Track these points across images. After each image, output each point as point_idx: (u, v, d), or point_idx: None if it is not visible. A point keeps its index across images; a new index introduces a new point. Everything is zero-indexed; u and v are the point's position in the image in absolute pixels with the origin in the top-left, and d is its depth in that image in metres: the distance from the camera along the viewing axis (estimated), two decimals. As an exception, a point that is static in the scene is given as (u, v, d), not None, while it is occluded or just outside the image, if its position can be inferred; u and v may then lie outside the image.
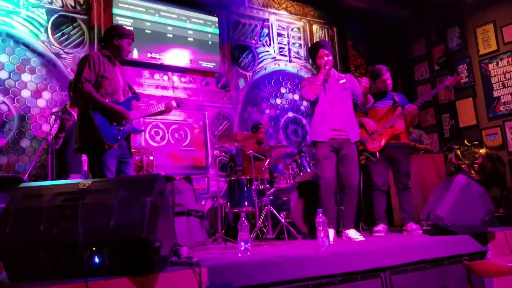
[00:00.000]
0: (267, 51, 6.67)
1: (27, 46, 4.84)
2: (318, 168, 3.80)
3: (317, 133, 3.76)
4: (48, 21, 4.99)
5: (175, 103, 3.54)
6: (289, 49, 6.88)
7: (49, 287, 1.72)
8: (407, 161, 4.16)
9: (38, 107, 4.80)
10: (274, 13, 6.84)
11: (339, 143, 3.70)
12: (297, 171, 4.66)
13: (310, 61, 6.86)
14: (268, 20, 6.76)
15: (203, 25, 6.05)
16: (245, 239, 2.70)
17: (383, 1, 7.15)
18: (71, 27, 5.13)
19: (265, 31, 6.70)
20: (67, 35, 5.09)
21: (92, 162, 3.04)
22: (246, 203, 4.31)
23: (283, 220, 4.16)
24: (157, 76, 5.63)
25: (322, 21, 7.32)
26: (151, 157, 4.56)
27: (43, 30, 4.95)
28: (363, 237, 3.54)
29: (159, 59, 5.57)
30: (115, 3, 5.34)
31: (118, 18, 5.33)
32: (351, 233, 3.57)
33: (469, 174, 4.71)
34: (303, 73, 6.88)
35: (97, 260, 1.85)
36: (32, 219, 1.90)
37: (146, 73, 5.54)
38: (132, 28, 5.09)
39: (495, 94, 6.27)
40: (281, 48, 6.81)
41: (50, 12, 5.03)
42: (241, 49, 6.42)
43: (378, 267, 2.63)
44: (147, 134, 5.39)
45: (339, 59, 7.30)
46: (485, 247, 3.15)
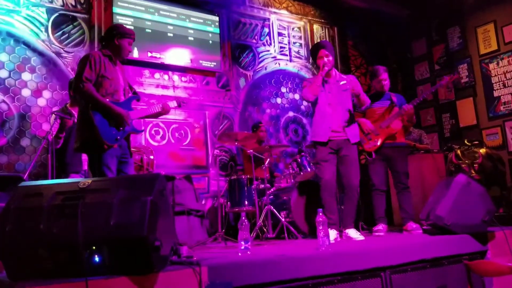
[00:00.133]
0: (268, 51, 6.67)
1: (28, 45, 4.84)
2: (318, 169, 3.83)
3: (316, 133, 3.77)
4: (48, 20, 4.99)
5: (176, 103, 3.54)
6: (290, 49, 6.88)
7: (49, 286, 1.72)
8: (404, 160, 4.15)
9: (38, 106, 4.80)
10: (274, 13, 6.84)
11: (338, 144, 3.71)
12: (298, 171, 4.66)
13: (310, 60, 6.86)
14: (268, 19, 6.76)
15: (203, 24, 6.04)
16: (245, 238, 2.70)
17: (383, 0, 7.14)
18: (71, 26, 5.13)
19: (266, 30, 6.69)
20: (67, 34, 5.09)
21: (92, 161, 3.04)
22: (246, 203, 4.31)
23: (283, 219, 4.16)
24: (157, 75, 5.62)
25: (322, 20, 7.32)
26: (152, 157, 4.56)
27: (43, 29, 4.95)
28: (363, 237, 3.54)
29: (160, 58, 5.57)
30: (115, 2, 5.34)
31: (118, 17, 5.33)
32: (351, 233, 3.58)
33: (469, 173, 4.71)
34: (304, 72, 6.88)
35: (97, 259, 1.85)
36: (32, 218, 1.90)
37: (146, 72, 5.54)
38: (132, 27, 5.08)
39: (496, 94, 6.26)
40: (281, 47, 6.81)
41: (50, 11, 5.03)
42: (242, 48, 6.42)
43: (378, 267, 2.63)
44: (147, 133, 5.39)
45: (339, 59, 7.29)
46: (485, 247, 3.15)
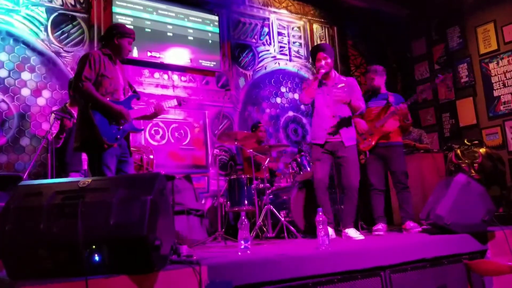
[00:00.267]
0: (268, 50, 6.66)
1: (27, 44, 4.83)
2: (312, 169, 3.82)
3: (314, 135, 3.82)
4: (48, 20, 4.99)
5: (177, 101, 3.54)
6: (290, 48, 6.88)
7: (49, 285, 1.72)
8: (401, 160, 4.12)
9: (38, 105, 4.79)
10: (274, 12, 6.83)
11: (333, 146, 3.72)
12: (297, 170, 4.67)
13: (310, 60, 6.85)
14: (268, 19, 6.76)
15: (203, 24, 6.04)
16: (245, 237, 2.70)
17: (383, 0, 7.14)
18: (71, 25, 5.12)
19: (266, 30, 6.69)
20: (67, 34, 5.08)
21: (91, 160, 3.03)
22: (246, 202, 4.32)
23: (283, 219, 4.16)
24: (157, 75, 5.62)
25: (322, 20, 7.32)
26: (151, 156, 4.57)
27: (43, 28, 4.94)
28: (363, 236, 3.54)
29: (159, 58, 5.56)
30: (114, 2, 5.33)
31: (118, 16, 5.32)
32: (351, 232, 3.57)
33: (469, 173, 4.70)
34: (303, 72, 6.88)
35: (97, 258, 1.85)
36: (32, 218, 1.90)
37: (146, 72, 5.54)
38: (132, 26, 5.07)
39: (496, 93, 6.26)
40: (281, 47, 6.81)
41: (50, 10, 5.02)
42: (241, 48, 6.42)
43: (377, 266, 2.63)
44: (147, 133, 5.38)
45: (339, 59, 7.29)
46: (485, 246, 3.16)
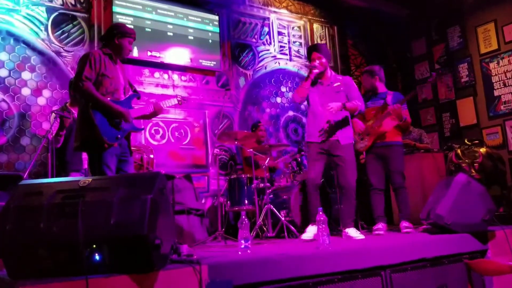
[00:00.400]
0: (268, 50, 6.66)
1: (27, 44, 4.83)
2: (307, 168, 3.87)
3: (309, 134, 3.82)
4: (48, 19, 4.98)
5: (177, 100, 3.55)
6: (290, 48, 6.88)
7: (49, 285, 1.72)
8: (398, 160, 4.08)
9: (38, 105, 4.79)
10: (274, 12, 6.83)
11: (329, 144, 3.70)
12: (297, 170, 4.67)
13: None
14: (268, 18, 6.76)
15: (203, 23, 6.03)
16: (245, 237, 2.70)
17: (383, 0, 7.14)
18: (71, 25, 5.12)
19: (266, 29, 6.69)
20: (67, 33, 5.08)
21: (92, 160, 3.04)
22: (246, 202, 4.32)
23: (283, 218, 4.16)
24: (157, 74, 5.62)
25: (322, 20, 7.31)
26: (151, 156, 4.57)
27: (43, 28, 4.94)
28: (363, 236, 3.54)
29: (159, 57, 5.56)
30: (114, 1, 5.32)
31: (118, 16, 5.32)
32: (351, 232, 3.57)
33: (470, 173, 4.70)
34: (304, 71, 6.86)
35: (97, 257, 1.85)
36: (32, 217, 1.90)
37: (146, 71, 5.54)
38: (132, 26, 5.07)
39: (496, 93, 6.26)
40: (281, 46, 6.81)
41: (50, 10, 5.02)
42: (242, 47, 6.42)
43: (378, 266, 2.63)
44: (147, 132, 5.38)
45: (339, 58, 7.30)
46: (485, 246, 3.16)
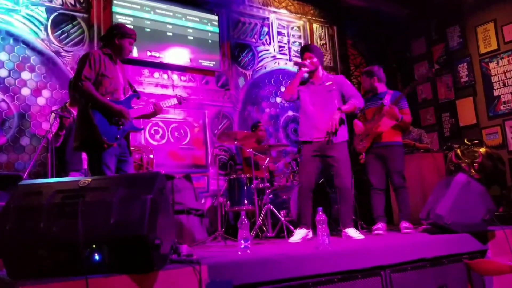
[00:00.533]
0: (267, 50, 6.66)
1: (27, 44, 4.83)
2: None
3: (301, 134, 3.82)
4: (47, 19, 4.98)
5: (177, 100, 3.55)
6: (289, 48, 6.88)
7: (49, 285, 1.72)
8: (397, 160, 4.06)
9: (37, 105, 4.79)
10: (274, 12, 6.83)
11: (321, 145, 3.69)
12: (297, 170, 4.67)
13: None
14: (268, 18, 6.76)
15: (203, 23, 6.03)
16: (245, 237, 2.70)
17: (383, 0, 7.14)
18: (70, 25, 5.12)
19: (265, 29, 6.69)
20: (66, 33, 5.08)
21: (91, 160, 3.04)
22: (246, 202, 4.32)
23: (282, 218, 4.16)
24: (156, 74, 5.62)
25: (322, 20, 7.31)
26: (151, 156, 4.57)
27: (42, 28, 4.94)
28: (363, 236, 3.54)
29: (159, 57, 5.56)
30: (114, 1, 5.32)
31: (117, 16, 5.32)
32: (351, 232, 3.57)
33: (469, 173, 4.71)
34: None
35: (97, 257, 1.85)
36: (32, 217, 1.90)
37: (145, 71, 5.54)
38: (131, 26, 5.07)
39: (496, 93, 6.26)
40: (281, 47, 6.81)
41: (49, 10, 5.02)
42: (241, 47, 6.42)
43: (378, 265, 2.63)
44: (147, 132, 5.38)
45: (339, 58, 7.29)
46: (485, 246, 3.15)
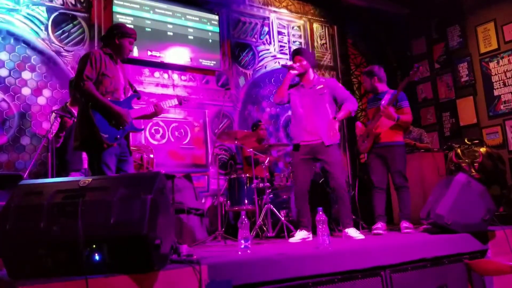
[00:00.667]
0: (268, 49, 6.66)
1: (28, 43, 4.83)
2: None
3: (293, 136, 3.85)
4: (48, 19, 4.98)
5: (178, 100, 3.54)
6: (290, 48, 6.87)
7: (49, 285, 1.72)
8: (397, 159, 4.05)
9: (38, 105, 4.79)
10: (274, 11, 6.83)
11: (313, 148, 3.69)
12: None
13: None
14: (268, 18, 6.75)
15: (203, 23, 6.03)
16: (245, 237, 2.70)
17: (383, -1, 7.15)
18: (71, 25, 5.12)
19: (266, 29, 6.68)
20: (67, 33, 5.08)
21: (91, 160, 3.04)
22: (246, 201, 4.32)
23: (283, 218, 4.16)
24: (157, 74, 5.62)
25: (322, 19, 7.31)
26: (151, 155, 4.57)
27: (43, 28, 4.94)
28: (363, 236, 3.53)
29: (159, 57, 5.56)
30: (114, 1, 5.31)
31: (118, 16, 5.32)
32: (351, 232, 3.57)
33: (470, 172, 4.70)
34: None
35: (97, 257, 1.85)
36: (32, 217, 1.90)
37: (146, 71, 5.54)
38: (132, 26, 5.07)
39: (496, 92, 6.26)
40: (281, 46, 6.80)
41: (50, 10, 5.02)
42: (242, 47, 6.41)
43: (378, 265, 2.63)
44: (147, 132, 5.38)
45: (339, 58, 7.29)
46: (486, 246, 3.15)
